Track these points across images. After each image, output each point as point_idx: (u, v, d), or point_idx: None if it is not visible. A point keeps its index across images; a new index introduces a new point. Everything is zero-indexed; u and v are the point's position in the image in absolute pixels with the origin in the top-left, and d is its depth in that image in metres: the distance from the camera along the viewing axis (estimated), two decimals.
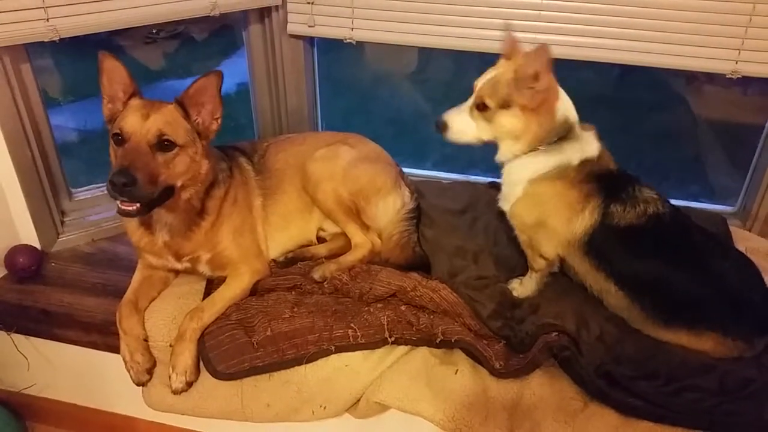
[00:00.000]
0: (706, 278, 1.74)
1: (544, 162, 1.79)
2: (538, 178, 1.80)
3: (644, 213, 1.77)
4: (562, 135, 1.79)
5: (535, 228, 1.85)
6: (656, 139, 3.17)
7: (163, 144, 1.68)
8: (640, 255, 1.77)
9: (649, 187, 1.83)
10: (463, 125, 1.82)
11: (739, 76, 2.14)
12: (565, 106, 1.79)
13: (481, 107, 1.79)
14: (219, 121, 1.80)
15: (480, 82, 1.81)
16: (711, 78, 2.79)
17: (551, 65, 1.70)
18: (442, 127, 1.83)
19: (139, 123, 1.67)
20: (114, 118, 1.71)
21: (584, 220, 1.77)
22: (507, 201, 1.90)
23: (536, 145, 1.79)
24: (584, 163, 1.79)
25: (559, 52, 2.11)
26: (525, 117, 1.76)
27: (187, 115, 1.75)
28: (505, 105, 1.76)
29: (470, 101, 1.82)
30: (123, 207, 1.63)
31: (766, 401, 1.64)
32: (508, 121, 1.77)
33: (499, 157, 1.88)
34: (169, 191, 1.73)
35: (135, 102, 1.73)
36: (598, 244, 1.78)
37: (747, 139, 2.53)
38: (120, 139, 1.67)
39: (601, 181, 1.80)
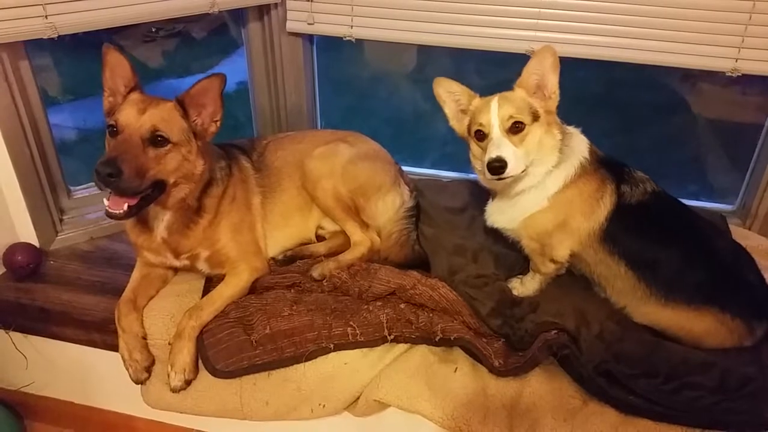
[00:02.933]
0: (707, 251, 1.79)
1: (569, 168, 1.79)
2: (565, 184, 1.79)
3: (646, 191, 1.82)
4: (564, 132, 1.81)
5: (554, 233, 1.84)
6: (656, 138, 3.17)
7: (156, 139, 1.68)
8: (650, 229, 1.80)
9: (637, 169, 1.88)
10: (515, 156, 1.68)
11: (739, 74, 2.14)
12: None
13: (514, 129, 1.70)
14: (218, 123, 1.81)
15: (493, 113, 1.71)
16: (707, 74, 2.78)
17: (558, 63, 1.70)
18: (502, 164, 1.66)
19: (135, 116, 1.67)
20: (113, 112, 1.72)
21: (605, 206, 1.79)
22: (515, 218, 1.87)
23: (559, 153, 1.78)
24: (590, 152, 1.82)
25: (557, 50, 2.12)
26: (550, 126, 1.75)
27: (186, 115, 1.75)
28: (535, 118, 1.73)
29: (497, 131, 1.70)
30: (111, 210, 1.64)
31: (765, 400, 1.64)
32: (542, 134, 1.74)
33: (532, 184, 1.79)
34: (160, 187, 1.73)
35: (134, 96, 1.74)
36: (615, 226, 1.79)
37: (746, 138, 2.53)
38: (114, 130, 1.68)
39: (605, 166, 1.83)
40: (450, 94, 1.85)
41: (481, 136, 1.75)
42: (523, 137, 1.72)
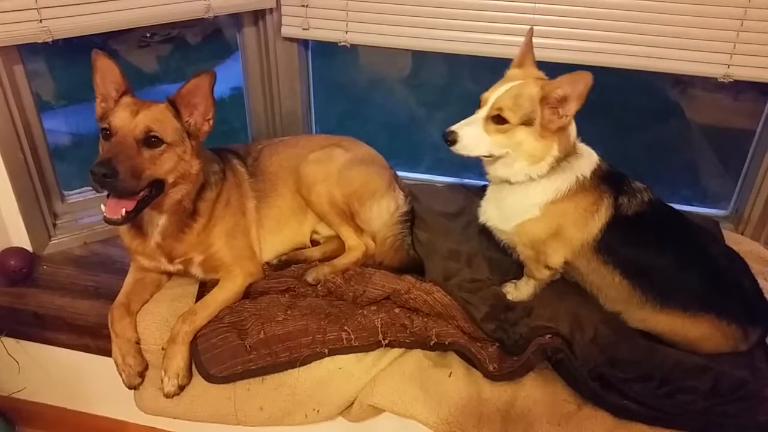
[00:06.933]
0: (701, 258, 1.80)
1: (562, 182, 1.79)
2: (557, 198, 1.80)
3: (643, 201, 1.83)
4: (571, 152, 1.81)
5: (547, 241, 1.84)
6: (648, 143, 3.18)
7: (150, 140, 1.68)
8: (645, 238, 1.81)
9: (635, 179, 1.90)
10: (474, 138, 1.73)
11: (731, 80, 2.15)
12: (573, 125, 1.80)
13: (497, 120, 1.72)
14: (211, 122, 1.81)
15: (495, 94, 1.73)
16: (699, 80, 2.81)
17: (586, 94, 1.66)
18: (452, 139, 1.73)
19: (128, 118, 1.67)
20: (106, 116, 1.72)
21: (600, 219, 1.80)
22: (509, 221, 1.88)
23: (554, 166, 1.78)
24: (594, 171, 1.82)
25: (550, 55, 2.14)
26: (545, 138, 1.74)
27: (178, 115, 1.75)
28: (527, 122, 1.71)
29: (483, 112, 1.73)
30: (108, 216, 1.64)
31: (759, 403, 1.65)
32: (528, 140, 1.73)
33: (511, 177, 1.81)
34: (158, 189, 1.73)
35: (126, 99, 1.74)
36: (609, 237, 1.79)
37: (739, 144, 2.55)
38: (108, 133, 1.68)
39: (606, 180, 1.83)
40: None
41: (478, 103, 1.77)
42: (503, 131, 1.72)
